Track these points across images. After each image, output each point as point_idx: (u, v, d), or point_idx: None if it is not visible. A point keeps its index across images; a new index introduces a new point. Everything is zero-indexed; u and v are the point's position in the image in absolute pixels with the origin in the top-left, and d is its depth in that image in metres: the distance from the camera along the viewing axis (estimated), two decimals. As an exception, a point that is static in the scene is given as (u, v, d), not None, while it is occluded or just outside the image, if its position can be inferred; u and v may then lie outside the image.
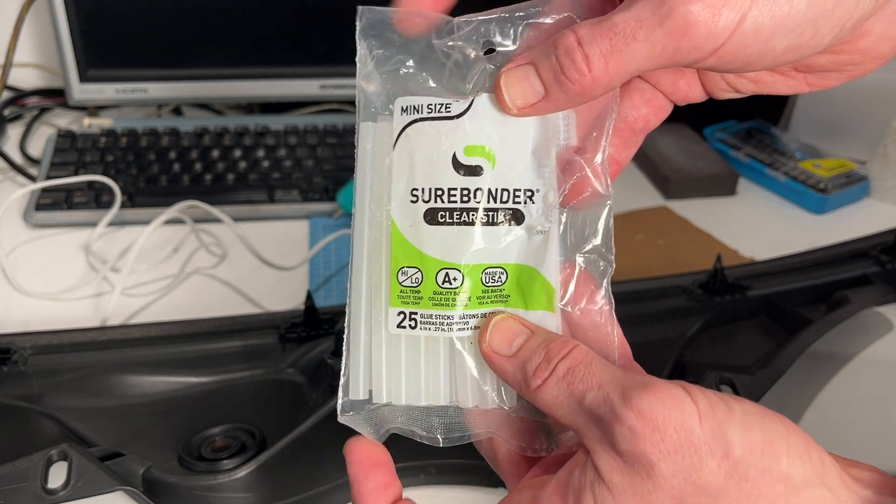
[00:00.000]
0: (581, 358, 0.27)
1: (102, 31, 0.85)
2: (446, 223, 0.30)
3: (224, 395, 0.52)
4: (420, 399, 0.30)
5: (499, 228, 0.30)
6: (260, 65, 0.89)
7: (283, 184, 0.81)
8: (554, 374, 0.27)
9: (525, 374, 0.28)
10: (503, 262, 0.30)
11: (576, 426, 0.27)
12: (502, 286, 0.30)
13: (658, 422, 0.24)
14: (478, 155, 0.30)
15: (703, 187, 0.86)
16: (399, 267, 0.30)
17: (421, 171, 0.30)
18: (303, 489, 0.44)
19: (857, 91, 0.91)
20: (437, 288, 0.30)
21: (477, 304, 0.30)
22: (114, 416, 0.50)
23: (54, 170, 0.81)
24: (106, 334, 0.54)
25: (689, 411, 0.24)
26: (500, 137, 0.30)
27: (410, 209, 0.30)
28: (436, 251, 0.30)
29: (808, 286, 0.61)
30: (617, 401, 0.25)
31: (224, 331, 0.55)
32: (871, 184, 0.86)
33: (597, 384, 0.26)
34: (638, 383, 0.25)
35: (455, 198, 0.30)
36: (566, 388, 0.27)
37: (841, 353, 0.54)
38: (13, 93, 0.96)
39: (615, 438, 0.25)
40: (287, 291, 0.69)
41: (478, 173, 0.30)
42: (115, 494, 0.41)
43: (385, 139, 0.31)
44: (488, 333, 0.29)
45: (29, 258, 0.73)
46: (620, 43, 0.26)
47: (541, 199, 0.30)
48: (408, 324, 0.30)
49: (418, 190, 0.30)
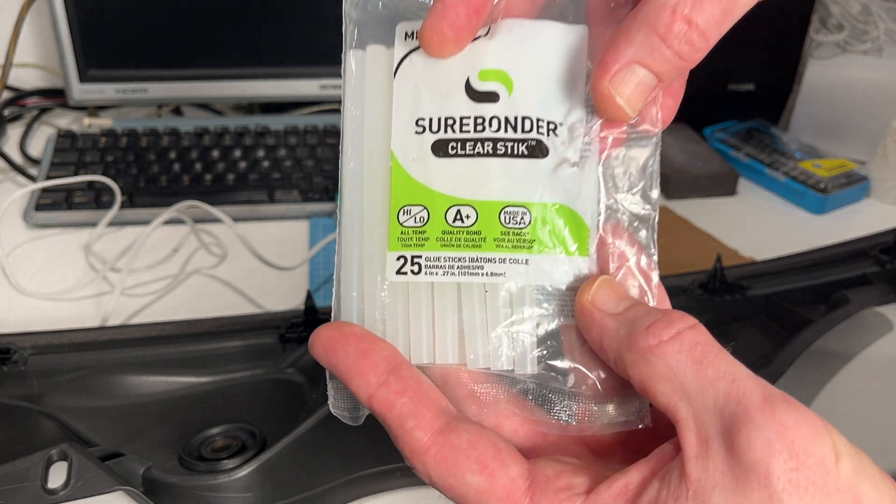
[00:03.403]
0: (710, 338, 0.24)
1: (102, 31, 0.85)
2: (458, 155, 0.27)
3: (224, 395, 0.52)
4: (422, 357, 0.27)
5: (520, 161, 0.27)
6: (260, 65, 0.89)
7: (283, 184, 0.81)
8: (677, 340, 0.23)
9: (633, 331, 0.24)
10: (526, 200, 0.26)
11: (680, 408, 0.23)
12: (525, 229, 0.26)
13: (798, 447, 0.21)
14: (494, 80, 0.27)
15: (703, 187, 0.86)
16: (400, 206, 0.27)
17: (428, 99, 0.27)
18: (303, 489, 0.44)
19: (857, 91, 0.91)
20: (447, 227, 0.27)
21: (494, 246, 0.26)
22: (114, 416, 0.50)
23: (54, 170, 0.81)
24: (106, 334, 0.54)
25: (828, 447, 0.21)
26: (521, 61, 0.27)
27: (415, 141, 0.27)
28: (445, 186, 0.27)
29: (808, 286, 0.61)
30: (756, 403, 0.22)
31: (224, 331, 0.55)
32: (871, 184, 0.86)
33: (730, 374, 0.23)
34: (778, 394, 0.22)
35: (468, 127, 0.27)
36: (691, 363, 0.23)
37: (841, 353, 0.54)
38: (13, 93, 0.96)
39: (740, 443, 0.21)
40: (287, 291, 0.69)
41: (493, 99, 0.27)
42: (115, 494, 0.41)
43: (380, 67, 0.28)
44: (594, 287, 0.26)
45: (29, 258, 0.73)
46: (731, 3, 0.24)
47: (566, 131, 0.27)
48: (409, 269, 0.27)
49: (424, 120, 0.27)
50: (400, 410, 0.25)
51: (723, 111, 0.95)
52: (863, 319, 0.57)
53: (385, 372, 0.26)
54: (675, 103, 0.28)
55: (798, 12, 0.91)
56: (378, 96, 0.28)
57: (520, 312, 0.27)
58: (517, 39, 0.27)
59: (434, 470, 0.25)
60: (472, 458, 0.24)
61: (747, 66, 0.92)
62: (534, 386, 0.27)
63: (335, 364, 0.26)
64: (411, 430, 0.25)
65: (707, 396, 0.22)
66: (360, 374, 0.26)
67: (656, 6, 0.24)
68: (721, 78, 0.92)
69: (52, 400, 0.50)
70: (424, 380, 0.26)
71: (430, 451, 0.25)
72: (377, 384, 0.25)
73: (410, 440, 0.25)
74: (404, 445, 0.25)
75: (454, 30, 0.26)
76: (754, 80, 0.93)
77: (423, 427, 0.25)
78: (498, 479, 0.24)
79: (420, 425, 0.25)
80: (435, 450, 0.25)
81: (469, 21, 0.26)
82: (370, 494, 0.45)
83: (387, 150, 0.27)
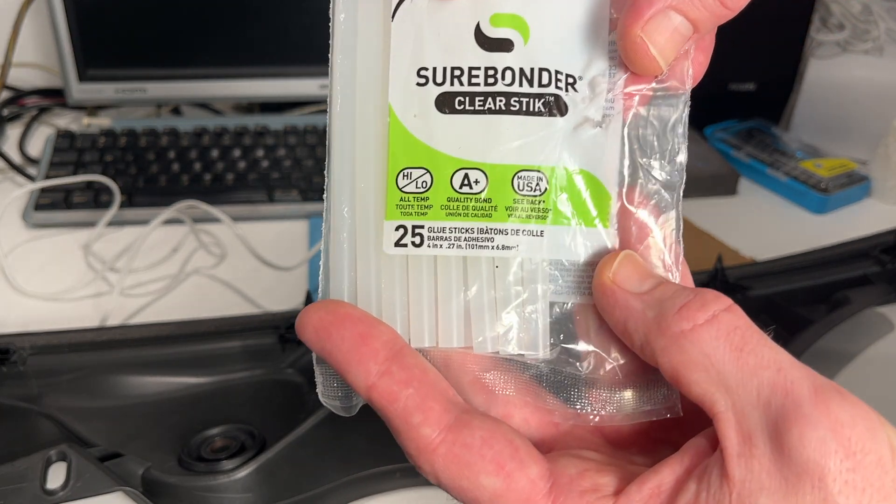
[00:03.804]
0: (748, 322, 0.21)
1: (101, 30, 0.85)
2: (466, 111, 0.24)
3: (224, 396, 0.52)
4: (423, 340, 0.24)
5: (536, 119, 0.24)
6: (259, 64, 0.89)
7: (282, 184, 0.81)
8: (714, 325, 0.21)
9: (663, 313, 0.22)
10: (542, 164, 0.24)
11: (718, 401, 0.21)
12: (540, 196, 0.24)
13: (855, 445, 0.19)
14: (507, 25, 0.24)
15: (703, 187, 0.86)
16: (400, 169, 0.24)
17: (432, 46, 0.24)
18: (303, 489, 0.44)
19: (858, 91, 0.91)
20: (454, 193, 0.24)
21: (506, 216, 0.24)
22: (113, 417, 0.50)
23: (53, 169, 0.80)
24: (105, 334, 0.54)
25: (885, 444, 0.19)
26: (537, 5, 0.24)
27: (417, 94, 0.24)
28: (451, 147, 0.24)
29: (809, 286, 0.61)
30: (807, 396, 0.20)
31: (223, 331, 0.55)
32: (872, 184, 0.86)
33: (775, 363, 0.20)
34: (829, 385, 0.20)
35: (478, 79, 0.24)
36: (729, 349, 0.21)
37: (842, 353, 0.54)
38: (12, 92, 0.96)
39: (790, 440, 0.19)
40: (287, 291, 0.69)
41: (507, 48, 0.24)
42: (114, 495, 0.41)
43: (374, 9, 0.25)
44: (616, 263, 0.23)
45: (28, 258, 0.73)
46: None
47: (586, 85, 0.24)
48: (410, 241, 0.24)
49: (428, 70, 0.24)
50: (405, 403, 0.22)
51: (723, 111, 0.95)
52: (864, 320, 0.57)
53: (386, 359, 0.23)
54: (706, 59, 0.25)
55: (799, 12, 0.91)
56: (372, 42, 0.25)
57: (532, 290, 0.24)
58: None
59: (444, 471, 0.22)
60: (486, 457, 0.22)
61: (748, 65, 0.92)
62: (547, 371, 0.24)
63: (329, 350, 0.23)
64: (418, 425, 0.22)
65: (749, 388, 0.20)
66: (358, 361, 0.23)
67: None
68: (721, 77, 0.92)
69: (51, 400, 0.50)
70: (430, 367, 0.23)
71: (440, 449, 0.22)
72: (378, 373, 0.23)
73: (417, 437, 0.22)
74: (409, 442, 0.22)
75: None
76: (755, 79, 0.93)
77: (430, 422, 0.22)
78: (516, 481, 0.22)
79: (428, 420, 0.22)
80: (445, 448, 0.22)
81: None
82: (370, 495, 0.45)
83: (383, 104, 0.24)
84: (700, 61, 0.25)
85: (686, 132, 0.25)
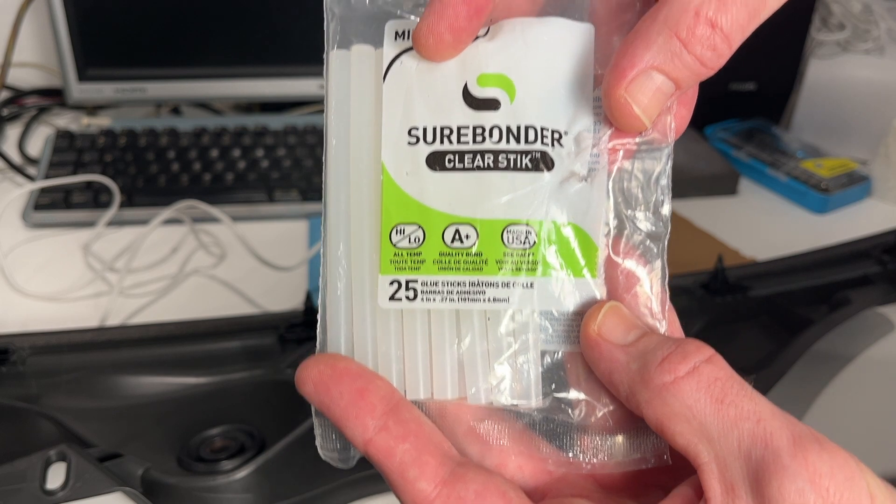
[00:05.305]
0: (729, 372, 0.22)
1: (101, 30, 0.85)
2: (455, 168, 0.25)
3: (223, 396, 0.52)
4: (419, 392, 0.25)
5: (524, 175, 0.24)
6: (259, 64, 0.89)
7: (282, 183, 0.80)
8: (694, 377, 0.22)
9: (646, 366, 0.22)
10: (530, 218, 0.24)
11: (701, 452, 0.21)
12: (530, 249, 0.24)
13: (833, 495, 0.20)
14: (494, 85, 0.25)
15: (704, 187, 0.86)
16: (393, 225, 0.25)
17: (422, 107, 0.25)
18: (302, 489, 0.44)
19: (858, 91, 0.90)
20: (445, 248, 0.25)
21: (496, 269, 0.24)
22: (113, 417, 0.50)
23: (53, 169, 0.80)
24: (105, 335, 0.54)
25: (864, 491, 0.20)
26: (523, 64, 0.25)
27: (408, 153, 0.25)
28: (442, 203, 0.25)
29: (810, 286, 0.61)
30: (785, 447, 0.20)
31: (223, 331, 0.55)
32: (873, 184, 0.86)
33: (754, 414, 0.21)
34: (808, 433, 0.21)
35: (467, 137, 0.25)
36: (710, 401, 0.21)
37: (842, 354, 0.54)
38: (11, 92, 0.96)
39: (770, 492, 0.20)
40: (286, 292, 0.69)
41: (494, 107, 0.25)
42: (113, 495, 0.41)
43: (367, 70, 0.26)
44: (600, 316, 0.24)
45: (27, 258, 0.73)
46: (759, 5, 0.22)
47: (572, 141, 0.25)
48: (404, 295, 0.25)
49: (418, 129, 0.25)
50: (401, 458, 0.23)
51: (724, 110, 0.95)
52: (864, 320, 0.57)
53: (383, 414, 0.23)
54: (688, 112, 0.26)
55: (799, 12, 0.90)
56: (365, 102, 0.26)
57: (524, 341, 0.25)
58: (519, 40, 0.25)
59: None
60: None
61: (748, 65, 0.92)
62: (540, 419, 0.25)
63: (328, 406, 0.24)
64: (414, 480, 0.23)
65: (730, 439, 0.21)
66: (356, 417, 0.23)
67: (677, 7, 0.23)
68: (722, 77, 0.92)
69: (50, 400, 0.50)
70: (425, 421, 0.24)
71: (436, 503, 0.23)
72: (375, 428, 0.23)
73: (413, 491, 0.23)
74: (406, 496, 0.23)
75: (453, 32, 0.24)
76: (755, 79, 0.93)
77: (426, 477, 0.23)
78: None
79: (423, 475, 0.23)
80: (440, 502, 0.23)
81: (469, 22, 0.24)
82: (370, 495, 0.45)
83: (376, 162, 0.25)
84: (682, 115, 0.26)
85: (669, 184, 0.26)
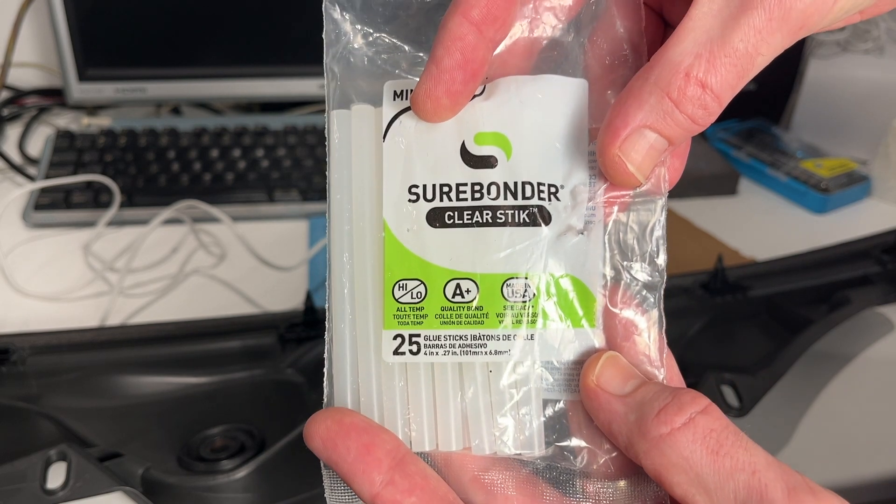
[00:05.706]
0: (724, 422, 0.22)
1: (101, 30, 0.85)
2: (455, 225, 0.25)
3: (223, 396, 0.52)
4: (424, 444, 0.25)
5: (521, 230, 0.25)
6: (259, 64, 0.89)
7: (282, 183, 0.81)
8: (690, 428, 0.22)
9: (643, 417, 0.23)
10: (529, 271, 0.25)
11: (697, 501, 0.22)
12: (529, 302, 0.25)
13: None
14: (491, 143, 0.26)
15: (703, 187, 0.86)
16: (395, 280, 0.25)
17: (421, 165, 0.26)
18: (302, 489, 0.44)
19: (858, 91, 0.90)
20: (447, 302, 0.25)
21: (497, 322, 0.25)
22: (113, 417, 0.50)
23: (53, 169, 0.80)
24: (105, 334, 0.54)
25: None
26: (519, 122, 0.26)
27: (409, 210, 0.26)
28: (443, 259, 0.25)
29: (810, 286, 0.61)
30: (780, 498, 0.21)
31: (223, 331, 0.55)
32: (873, 183, 0.86)
33: (749, 465, 0.21)
34: (802, 484, 0.21)
35: (465, 194, 0.25)
36: (705, 453, 0.22)
37: (842, 354, 0.54)
38: (12, 92, 0.96)
39: None
40: (286, 291, 0.69)
41: (491, 164, 0.25)
42: (114, 495, 0.41)
43: (366, 130, 0.26)
44: (598, 366, 0.25)
45: (28, 258, 0.73)
46: (747, 65, 0.24)
47: (568, 194, 0.26)
48: (408, 349, 0.25)
49: (418, 187, 0.26)
50: None
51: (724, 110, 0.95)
52: (864, 320, 0.57)
53: (390, 469, 0.24)
54: (681, 164, 0.27)
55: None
56: (366, 161, 0.26)
57: (526, 392, 0.25)
58: (514, 98, 0.26)
59: None
60: None
61: (748, 65, 0.92)
62: (543, 466, 0.26)
63: (336, 461, 0.24)
64: None
65: (727, 490, 0.21)
66: (363, 472, 0.24)
67: (668, 67, 0.23)
68: (722, 77, 0.92)
69: (50, 400, 0.50)
70: (431, 474, 0.24)
71: None
72: (382, 483, 0.23)
73: None
74: None
75: (450, 95, 0.25)
76: (755, 79, 0.92)
77: None
78: None
79: None
80: None
81: (466, 86, 0.25)
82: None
83: (378, 219, 0.26)
84: (675, 167, 0.27)
85: (665, 235, 0.26)
